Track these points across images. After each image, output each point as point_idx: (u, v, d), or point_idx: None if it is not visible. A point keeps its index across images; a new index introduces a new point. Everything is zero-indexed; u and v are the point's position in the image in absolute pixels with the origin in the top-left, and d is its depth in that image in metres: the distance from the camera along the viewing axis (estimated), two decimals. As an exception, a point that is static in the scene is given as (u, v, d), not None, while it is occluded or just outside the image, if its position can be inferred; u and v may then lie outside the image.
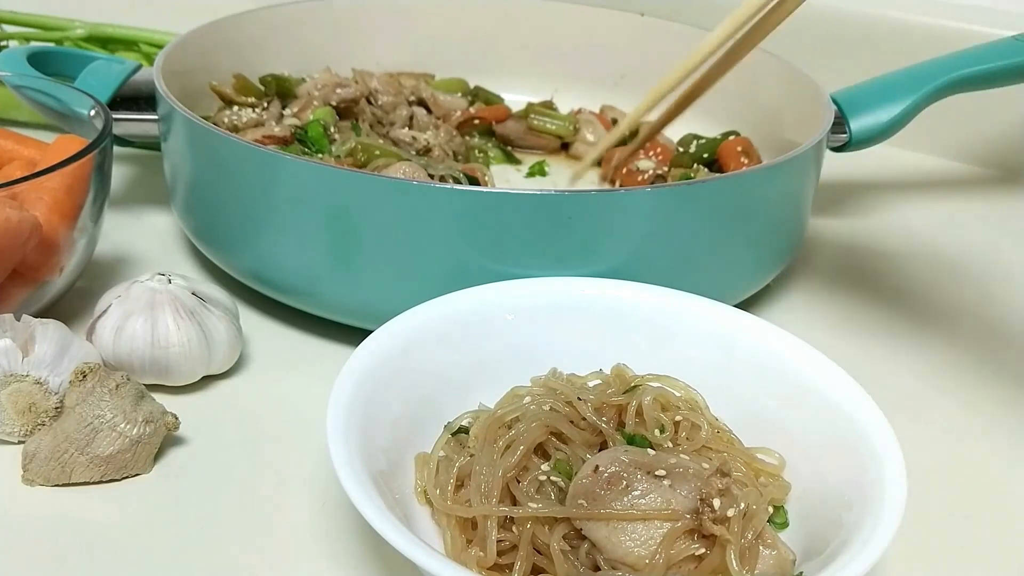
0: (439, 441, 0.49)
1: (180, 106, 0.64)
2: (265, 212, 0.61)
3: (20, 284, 0.59)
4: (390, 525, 0.39)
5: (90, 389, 0.51)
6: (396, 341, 0.50)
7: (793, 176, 0.66)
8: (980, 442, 0.59)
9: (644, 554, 0.42)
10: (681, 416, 0.49)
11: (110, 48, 0.96)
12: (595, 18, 0.95)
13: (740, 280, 0.67)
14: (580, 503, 0.43)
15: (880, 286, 0.76)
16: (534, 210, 0.57)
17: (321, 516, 0.50)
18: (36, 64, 0.73)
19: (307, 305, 0.63)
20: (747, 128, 0.84)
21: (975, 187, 0.96)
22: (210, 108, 0.81)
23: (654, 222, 0.59)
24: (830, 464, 0.47)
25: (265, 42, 0.87)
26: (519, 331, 0.54)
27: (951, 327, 0.71)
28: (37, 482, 0.50)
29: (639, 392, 0.49)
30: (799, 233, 0.71)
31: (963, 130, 0.99)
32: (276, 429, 0.56)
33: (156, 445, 0.52)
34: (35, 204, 0.57)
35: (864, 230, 0.85)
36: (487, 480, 0.45)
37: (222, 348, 0.58)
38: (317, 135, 0.75)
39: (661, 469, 0.44)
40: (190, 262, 0.72)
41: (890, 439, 0.45)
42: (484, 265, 0.57)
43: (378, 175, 0.66)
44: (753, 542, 0.43)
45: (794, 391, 0.50)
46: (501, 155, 0.87)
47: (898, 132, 0.80)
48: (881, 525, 0.41)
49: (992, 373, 0.65)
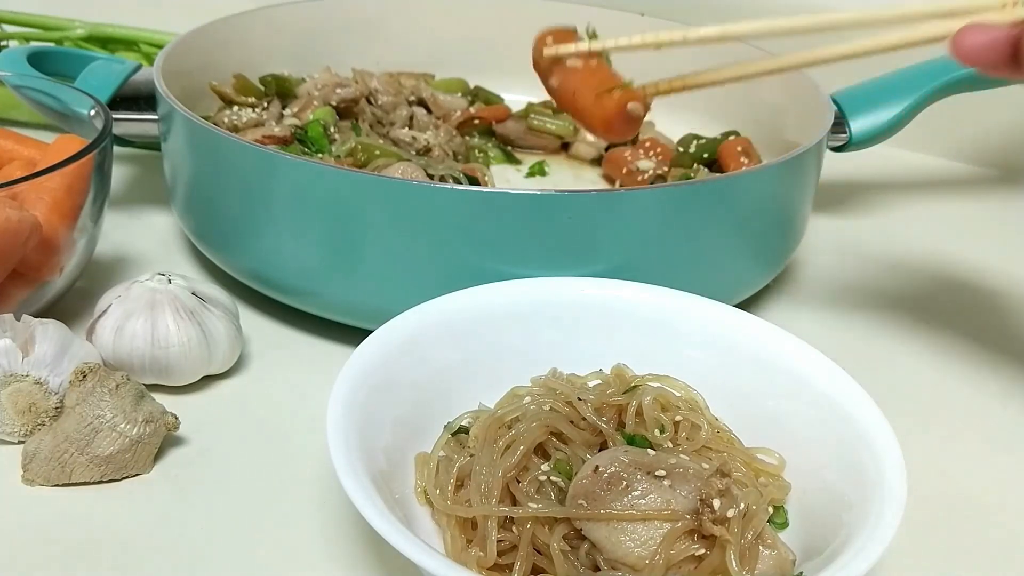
0: (439, 441, 0.49)
1: (180, 106, 0.64)
2: (265, 212, 0.61)
3: (20, 284, 0.59)
4: (390, 525, 0.39)
5: (90, 389, 0.51)
6: (396, 341, 0.50)
7: (793, 176, 0.66)
8: (980, 442, 0.59)
9: (644, 554, 0.42)
10: (681, 416, 0.49)
11: (110, 48, 0.96)
12: (595, 18, 0.95)
13: (740, 280, 0.67)
14: (580, 503, 0.43)
15: (880, 286, 0.76)
16: (534, 210, 0.57)
17: (321, 516, 0.50)
18: (36, 64, 0.73)
19: (307, 305, 0.63)
20: (747, 128, 0.84)
21: (975, 187, 0.96)
22: (210, 108, 0.81)
23: (654, 222, 0.59)
24: (830, 464, 0.47)
25: (265, 42, 0.87)
26: (519, 331, 0.54)
27: (951, 327, 0.71)
28: (37, 482, 0.50)
29: (639, 392, 0.49)
30: (799, 233, 0.71)
31: (963, 130, 0.99)
32: (276, 429, 0.56)
33: (156, 445, 0.52)
34: (35, 204, 0.57)
35: (864, 230, 0.85)
36: (487, 480, 0.45)
37: (222, 348, 0.58)
38: (317, 135, 0.75)
39: (661, 469, 0.44)
40: (190, 262, 0.72)
41: (890, 439, 0.45)
42: (484, 265, 0.57)
43: (378, 175, 0.66)
44: (753, 542, 0.43)
45: (794, 391, 0.50)
46: (501, 155, 0.87)
47: (898, 132, 0.80)
48: (881, 525, 0.41)
49: (992, 373, 0.65)
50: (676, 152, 0.82)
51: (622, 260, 0.59)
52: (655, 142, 0.83)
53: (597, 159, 0.87)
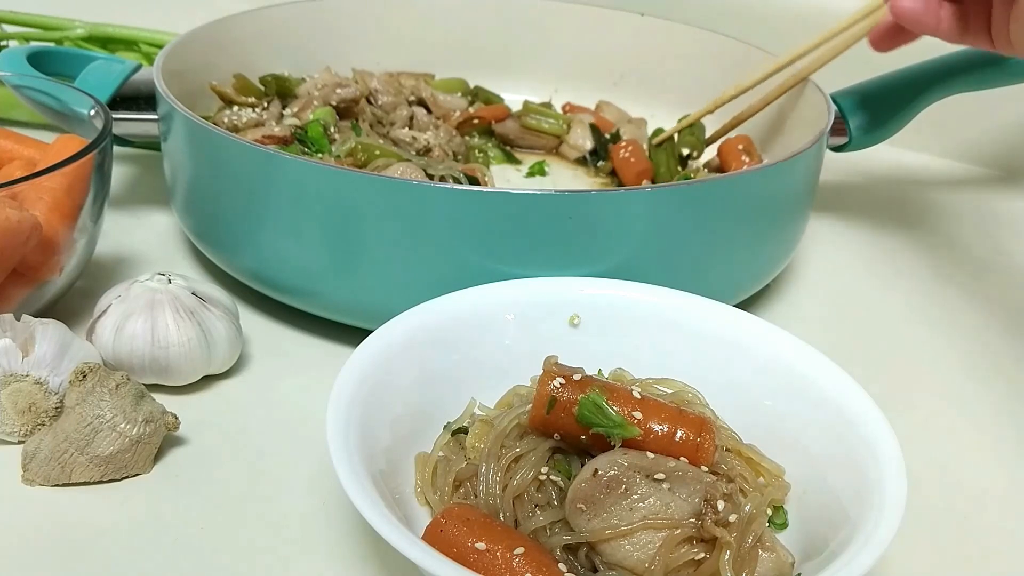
0: (439, 441, 0.49)
1: (180, 106, 0.64)
2: (265, 212, 0.61)
3: (20, 284, 0.59)
4: (390, 525, 0.39)
5: (90, 389, 0.51)
6: (396, 341, 0.50)
7: (793, 176, 0.66)
8: (980, 442, 0.59)
9: (643, 558, 0.42)
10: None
11: (110, 48, 0.96)
12: (595, 18, 0.95)
13: (740, 280, 0.67)
14: (579, 507, 0.43)
15: (880, 286, 0.76)
16: (534, 210, 0.57)
17: (321, 516, 0.50)
18: (36, 64, 0.73)
19: (307, 305, 0.63)
20: (747, 128, 0.84)
21: (975, 187, 0.96)
22: (210, 108, 0.81)
23: (654, 222, 0.59)
24: (830, 464, 0.47)
25: (265, 42, 0.87)
26: (519, 331, 0.54)
27: (951, 327, 0.71)
28: (37, 482, 0.50)
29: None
30: (799, 233, 0.71)
31: (963, 130, 0.99)
32: (276, 429, 0.56)
33: (156, 445, 0.52)
34: (35, 204, 0.57)
35: (864, 230, 0.85)
36: (494, 505, 0.45)
37: (222, 348, 0.58)
38: (317, 135, 0.75)
39: (660, 472, 0.43)
40: (190, 262, 0.72)
41: (890, 439, 0.45)
42: (484, 265, 0.57)
43: (378, 175, 0.66)
44: (753, 546, 0.43)
45: (794, 391, 0.50)
46: (501, 155, 0.87)
47: (898, 132, 0.80)
48: (881, 525, 0.41)
49: (992, 373, 0.65)
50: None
51: (622, 260, 0.59)
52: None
53: (581, 159, 0.87)
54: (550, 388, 0.46)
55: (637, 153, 0.82)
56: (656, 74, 0.76)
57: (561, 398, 0.45)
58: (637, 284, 0.56)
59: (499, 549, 0.41)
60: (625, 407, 0.45)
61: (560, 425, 0.46)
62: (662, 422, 0.45)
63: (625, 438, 0.44)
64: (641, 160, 0.81)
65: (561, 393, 0.46)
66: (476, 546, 0.41)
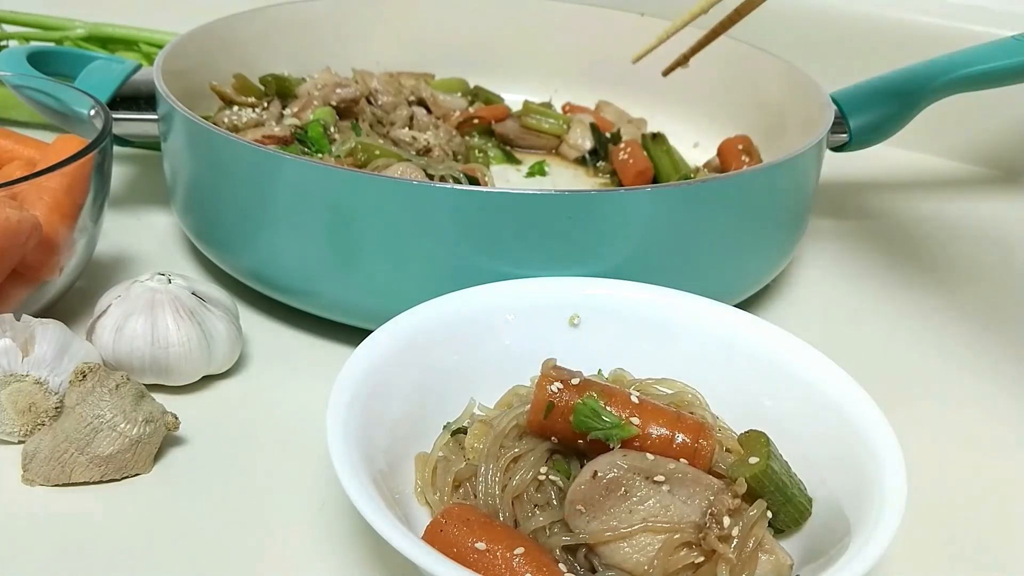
0: (438, 441, 0.49)
1: (180, 106, 0.64)
2: (265, 212, 0.61)
3: (20, 284, 0.59)
4: (390, 525, 0.39)
5: (90, 389, 0.51)
6: (396, 341, 0.50)
7: (793, 176, 0.66)
8: (980, 442, 0.59)
9: (642, 560, 0.42)
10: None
11: (110, 48, 0.96)
12: (595, 18, 0.95)
13: (740, 280, 0.67)
14: (578, 509, 0.43)
15: (880, 287, 0.76)
16: (534, 210, 0.57)
17: (321, 516, 0.50)
18: (36, 64, 0.73)
19: (307, 305, 0.63)
20: (747, 128, 0.84)
21: (975, 187, 0.96)
22: (210, 108, 0.81)
23: (654, 222, 0.59)
24: (830, 464, 0.47)
25: (265, 42, 0.87)
26: (519, 331, 0.54)
27: (951, 327, 0.71)
28: (37, 482, 0.50)
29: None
30: (799, 233, 0.71)
31: (963, 130, 0.99)
32: (276, 429, 0.56)
33: (156, 445, 0.52)
34: (35, 204, 0.57)
35: (864, 230, 0.85)
36: (493, 506, 0.45)
37: (222, 348, 0.58)
38: (317, 135, 0.75)
39: (660, 475, 0.43)
40: (190, 262, 0.72)
41: (890, 439, 0.45)
42: (484, 265, 0.57)
43: (378, 175, 0.66)
44: (753, 550, 0.43)
45: (794, 391, 0.50)
46: (501, 155, 0.87)
47: (898, 132, 0.80)
48: (881, 525, 0.41)
49: (992, 373, 0.65)
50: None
51: (622, 260, 0.59)
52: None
53: (581, 159, 0.87)
54: (547, 393, 0.46)
55: (636, 153, 0.82)
56: (656, 74, 0.77)
57: (559, 403, 0.45)
58: (637, 284, 0.56)
59: (499, 549, 0.41)
60: (623, 412, 0.45)
61: (558, 429, 0.46)
62: (660, 427, 0.45)
63: (623, 439, 0.44)
64: (641, 160, 0.81)
65: (559, 398, 0.45)
66: (476, 546, 0.41)
